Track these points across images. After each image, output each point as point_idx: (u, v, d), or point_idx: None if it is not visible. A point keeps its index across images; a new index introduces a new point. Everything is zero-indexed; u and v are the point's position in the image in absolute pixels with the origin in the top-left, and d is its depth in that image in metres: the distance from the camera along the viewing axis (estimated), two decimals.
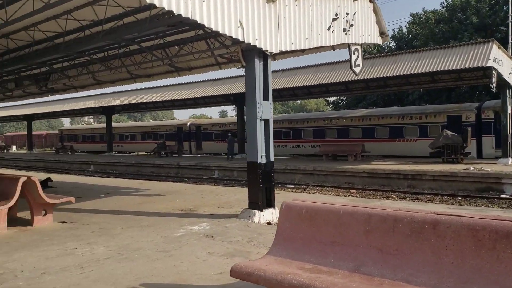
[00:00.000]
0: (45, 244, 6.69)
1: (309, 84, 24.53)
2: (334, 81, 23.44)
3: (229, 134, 27.72)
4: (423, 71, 20.43)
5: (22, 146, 72.99)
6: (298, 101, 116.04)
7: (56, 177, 18.63)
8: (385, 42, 41.21)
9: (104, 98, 38.62)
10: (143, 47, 13.31)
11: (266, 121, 8.15)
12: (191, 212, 9.30)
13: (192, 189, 13.76)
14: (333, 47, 11.64)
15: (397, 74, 21.47)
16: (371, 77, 22.38)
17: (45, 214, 8.19)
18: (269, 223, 7.99)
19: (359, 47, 11.66)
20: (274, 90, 27.29)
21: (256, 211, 7.93)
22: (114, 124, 42.95)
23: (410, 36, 40.21)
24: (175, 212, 9.29)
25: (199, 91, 27.79)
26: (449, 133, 20.91)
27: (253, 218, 7.86)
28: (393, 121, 26.46)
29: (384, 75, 21.94)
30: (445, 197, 15.72)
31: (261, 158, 7.98)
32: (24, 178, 7.59)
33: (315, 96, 30.87)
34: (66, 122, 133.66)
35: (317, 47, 10.34)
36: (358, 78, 22.43)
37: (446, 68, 19.63)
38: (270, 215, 8.10)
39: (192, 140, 38.81)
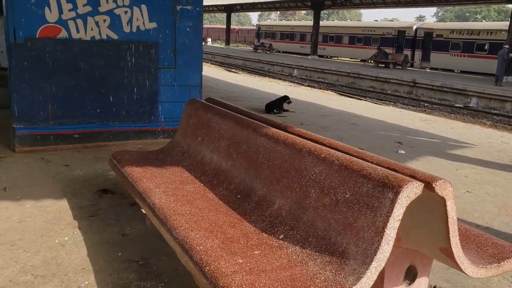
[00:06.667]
0: None
1: None
2: None
3: (504, 45, 18.90)
4: None
5: (216, 39, 73.38)
6: None
7: (269, 86, 13.58)
8: None
9: None
10: None
11: None
12: None
13: None
14: None
15: None
16: None
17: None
18: None
19: None
20: None
21: None
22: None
23: None
24: None
25: None
26: None
27: None
28: None
29: None
30: None
31: None
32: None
33: None
34: (254, 19, 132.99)
35: None
36: None
37: None
38: None
39: (417, 49, 30.36)
